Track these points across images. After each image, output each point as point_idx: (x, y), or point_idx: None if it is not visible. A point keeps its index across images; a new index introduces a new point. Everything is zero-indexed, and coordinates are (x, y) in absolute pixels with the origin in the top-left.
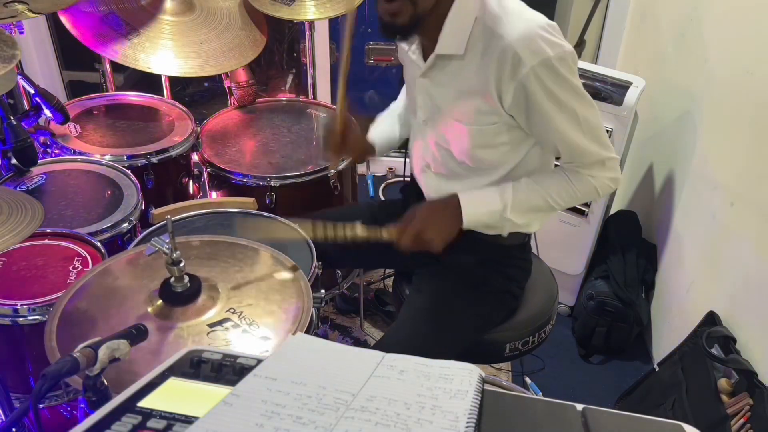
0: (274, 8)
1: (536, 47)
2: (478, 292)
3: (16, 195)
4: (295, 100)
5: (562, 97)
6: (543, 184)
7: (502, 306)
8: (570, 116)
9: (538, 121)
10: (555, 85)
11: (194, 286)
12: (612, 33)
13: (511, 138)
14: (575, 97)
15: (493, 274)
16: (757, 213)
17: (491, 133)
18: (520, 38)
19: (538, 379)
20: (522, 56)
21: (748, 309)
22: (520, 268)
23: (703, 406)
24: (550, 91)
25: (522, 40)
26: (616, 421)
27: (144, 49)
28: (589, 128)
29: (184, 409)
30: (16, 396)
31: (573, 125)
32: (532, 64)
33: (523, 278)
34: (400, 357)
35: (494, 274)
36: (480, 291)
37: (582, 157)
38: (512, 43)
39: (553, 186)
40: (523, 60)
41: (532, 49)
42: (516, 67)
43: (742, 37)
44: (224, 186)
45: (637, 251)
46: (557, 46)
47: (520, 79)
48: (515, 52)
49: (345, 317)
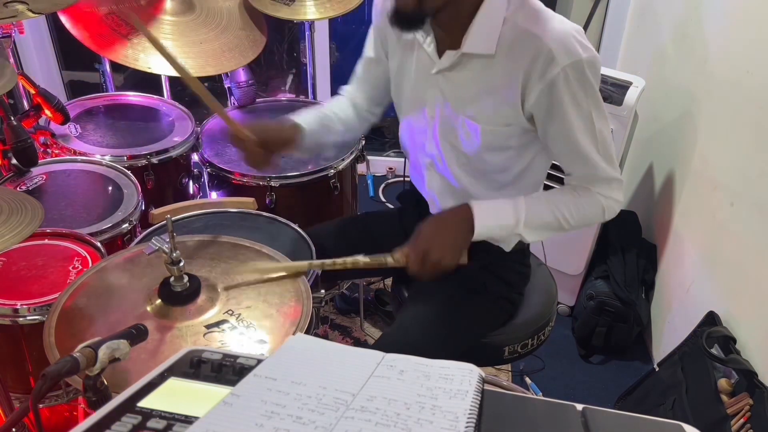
0: (274, 8)
1: (571, 48)
2: (476, 298)
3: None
4: (295, 100)
5: (584, 104)
6: (554, 200)
7: (500, 312)
8: (587, 125)
9: (556, 124)
10: (581, 90)
11: (193, 286)
12: (612, 33)
13: (520, 142)
14: (595, 107)
15: (493, 280)
16: (757, 213)
17: (503, 135)
18: (557, 38)
19: (538, 379)
20: (556, 55)
21: (748, 309)
22: (519, 274)
23: (703, 406)
24: (575, 95)
25: (558, 40)
26: (616, 421)
27: (144, 49)
28: (602, 142)
29: (184, 409)
30: (16, 396)
31: (588, 135)
32: (564, 64)
33: (522, 284)
34: (400, 357)
35: (493, 280)
36: (479, 297)
37: (588, 169)
38: (548, 42)
39: (564, 202)
40: (557, 59)
41: (567, 50)
42: (548, 65)
43: (742, 37)
44: (224, 186)
45: (637, 251)
46: (589, 50)
47: (550, 78)
48: (550, 50)
49: (345, 317)
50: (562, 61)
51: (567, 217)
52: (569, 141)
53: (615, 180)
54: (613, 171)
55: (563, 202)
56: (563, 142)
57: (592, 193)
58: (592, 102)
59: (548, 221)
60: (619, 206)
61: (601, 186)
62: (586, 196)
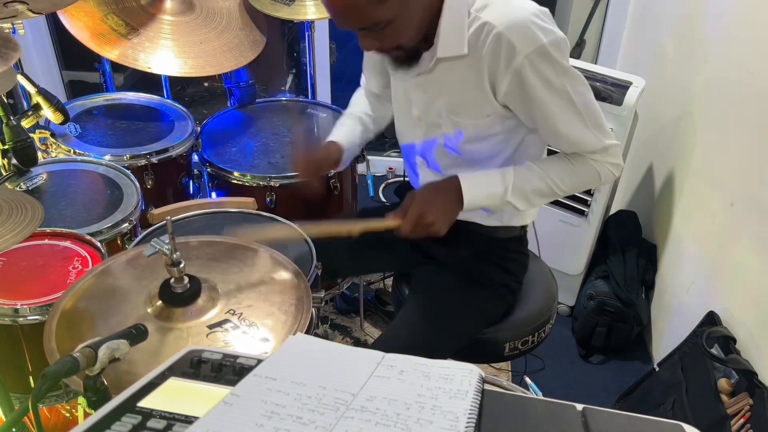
0: (274, 8)
1: (529, 34)
2: (476, 287)
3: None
4: (295, 100)
5: (557, 84)
6: (544, 167)
7: (500, 300)
8: (567, 102)
9: (536, 110)
10: (551, 72)
11: (194, 287)
12: (612, 33)
13: (504, 128)
14: (570, 82)
15: (491, 268)
16: (757, 213)
17: (484, 126)
18: (513, 26)
19: (538, 379)
20: (516, 44)
21: (748, 309)
22: (517, 262)
23: (703, 406)
24: (546, 78)
25: (515, 28)
26: (616, 421)
27: (144, 49)
28: (588, 113)
29: (184, 409)
30: (16, 396)
31: (572, 111)
32: (526, 52)
33: (521, 272)
34: (400, 357)
35: (492, 267)
36: (478, 285)
37: (583, 147)
38: (504, 31)
39: (555, 169)
40: (517, 48)
41: (526, 37)
42: (510, 55)
43: (742, 37)
44: (224, 186)
45: (637, 251)
46: (550, 32)
47: (515, 68)
48: (508, 40)
49: (345, 317)
50: (524, 50)
51: (557, 182)
52: (554, 122)
53: (610, 146)
54: (606, 138)
55: (553, 168)
56: (547, 125)
57: (585, 158)
58: (566, 79)
59: (538, 187)
60: (618, 169)
61: (597, 153)
62: (579, 162)
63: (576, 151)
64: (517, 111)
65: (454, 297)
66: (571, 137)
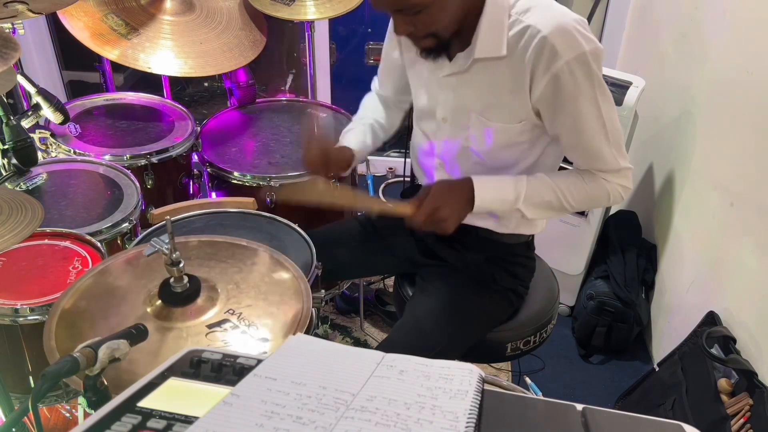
0: (274, 8)
1: (572, 41)
2: (485, 290)
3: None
4: (295, 100)
5: (590, 94)
6: (556, 180)
7: (508, 304)
8: (597, 114)
9: (565, 115)
10: (586, 80)
11: (193, 286)
12: (612, 33)
13: (530, 137)
14: (602, 95)
15: (500, 272)
16: (757, 213)
17: (515, 132)
18: (557, 31)
19: (538, 379)
20: (558, 49)
21: (748, 309)
22: (525, 267)
23: (703, 406)
24: (581, 87)
25: (559, 33)
26: (616, 421)
27: (144, 49)
28: (613, 131)
29: (184, 409)
30: (16, 396)
31: (598, 124)
32: (567, 57)
33: (528, 277)
34: (400, 357)
35: (501, 272)
36: (487, 289)
37: (599, 163)
38: (548, 35)
39: (567, 183)
40: (560, 53)
41: (569, 43)
42: (551, 59)
43: (742, 37)
44: (224, 186)
45: (637, 251)
46: (592, 42)
47: (554, 72)
48: (552, 44)
49: (345, 317)
50: (565, 55)
51: (568, 197)
52: (578, 131)
53: (624, 169)
54: (622, 160)
55: (566, 183)
56: (572, 133)
57: (597, 177)
58: (599, 92)
59: (549, 199)
60: (627, 192)
61: (609, 173)
62: (591, 179)
63: (591, 167)
64: (546, 115)
65: (462, 300)
66: (591, 150)
